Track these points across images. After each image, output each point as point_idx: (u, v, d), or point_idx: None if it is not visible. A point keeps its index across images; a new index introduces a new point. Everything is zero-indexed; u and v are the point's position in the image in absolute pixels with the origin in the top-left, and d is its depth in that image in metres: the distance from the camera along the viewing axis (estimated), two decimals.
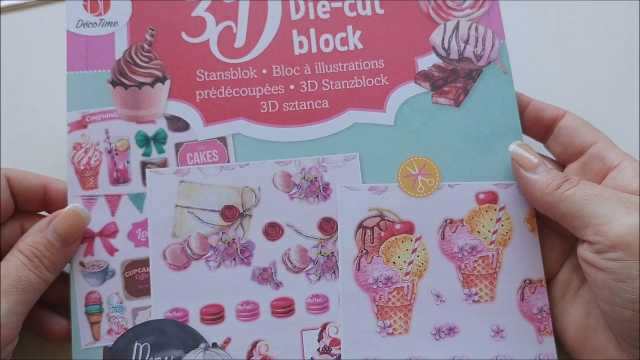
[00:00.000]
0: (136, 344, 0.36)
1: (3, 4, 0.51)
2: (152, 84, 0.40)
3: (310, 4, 0.42)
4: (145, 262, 0.37)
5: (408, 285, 0.38)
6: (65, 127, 0.39)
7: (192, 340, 0.36)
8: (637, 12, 0.51)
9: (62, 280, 0.38)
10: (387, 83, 0.41)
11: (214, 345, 0.36)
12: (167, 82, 0.40)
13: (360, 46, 0.41)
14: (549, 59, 0.50)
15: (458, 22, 0.42)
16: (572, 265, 0.38)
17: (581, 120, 0.40)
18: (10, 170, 0.38)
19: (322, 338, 0.37)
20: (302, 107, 0.40)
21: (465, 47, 0.41)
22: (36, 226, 0.36)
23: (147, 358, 0.36)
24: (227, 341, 0.37)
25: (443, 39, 0.41)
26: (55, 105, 0.44)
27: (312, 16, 0.41)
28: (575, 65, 0.49)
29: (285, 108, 0.40)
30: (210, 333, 0.37)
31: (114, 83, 0.39)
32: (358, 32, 0.41)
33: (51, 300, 0.39)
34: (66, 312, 0.37)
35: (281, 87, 0.40)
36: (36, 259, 0.35)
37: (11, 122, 0.47)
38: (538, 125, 0.41)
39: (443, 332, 0.37)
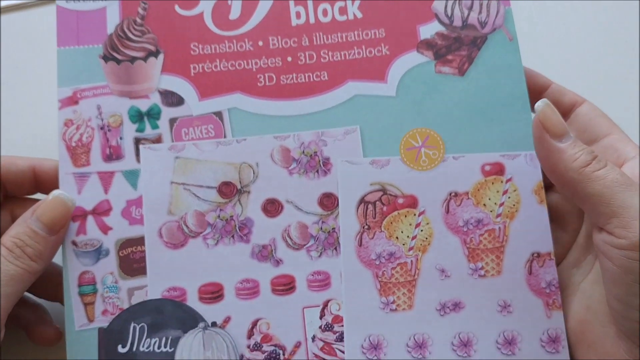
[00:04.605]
0: (132, 325, 0.35)
1: (3, 4, 0.50)
2: (145, 58, 0.38)
3: None
4: (140, 241, 0.36)
5: (412, 261, 0.37)
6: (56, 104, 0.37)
7: (191, 319, 0.35)
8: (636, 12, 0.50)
9: (57, 275, 0.37)
10: (388, 53, 0.39)
11: (214, 324, 0.35)
12: (161, 56, 0.38)
13: (359, 15, 0.40)
14: (553, 27, 0.48)
15: None
16: (573, 260, 0.37)
17: (599, 110, 0.39)
18: None
19: (324, 315, 0.36)
20: (300, 79, 0.39)
21: (469, 14, 0.40)
22: (20, 218, 0.35)
23: (144, 339, 0.35)
24: (227, 320, 0.36)
25: (446, 6, 0.40)
26: (54, 103, 0.43)
27: None
28: (579, 42, 0.48)
29: (283, 81, 0.39)
30: (209, 312, 0.36)
31: (106, 58, 0.38)
32: (357, 1, 0.40)
33: (46, 297, 0.38)
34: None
35: (278, 60, 0.39)
36: (18, 249, 0.33)
37: (12, 123, 0.47)
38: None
39: (448, 307, 0.36)
